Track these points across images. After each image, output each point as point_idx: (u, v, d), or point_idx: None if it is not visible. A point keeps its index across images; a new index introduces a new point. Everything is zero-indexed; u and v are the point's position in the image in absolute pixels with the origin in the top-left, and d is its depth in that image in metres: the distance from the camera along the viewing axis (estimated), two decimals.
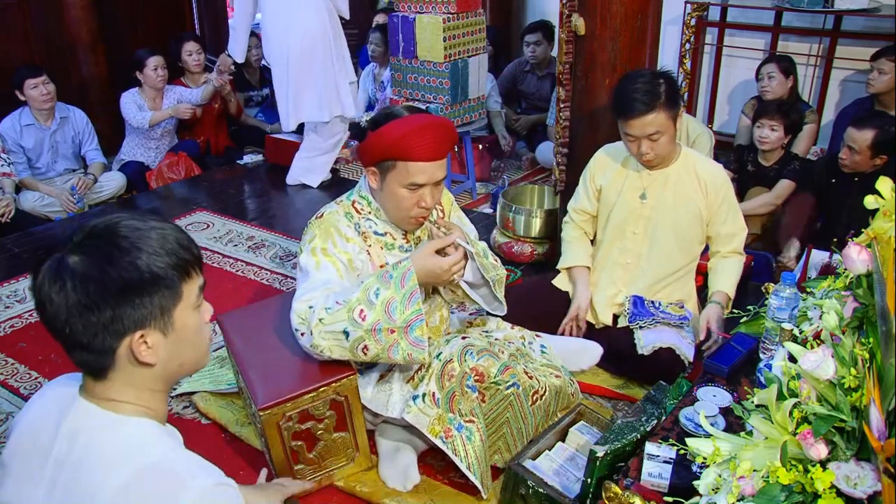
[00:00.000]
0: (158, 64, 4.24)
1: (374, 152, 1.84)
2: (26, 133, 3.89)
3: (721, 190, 2.33)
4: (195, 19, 5.35)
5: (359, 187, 2.02)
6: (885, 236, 1.29)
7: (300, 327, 1.79)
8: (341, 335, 1.73)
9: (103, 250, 1.01)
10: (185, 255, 1.07)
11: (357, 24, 6.18)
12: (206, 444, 2.16)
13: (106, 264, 1.00)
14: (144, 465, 1.03)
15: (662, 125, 2.19)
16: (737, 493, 1.15)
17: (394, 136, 1.78)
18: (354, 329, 1.71)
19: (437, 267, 1.80)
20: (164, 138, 4.45)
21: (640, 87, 2.16)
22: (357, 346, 1.74)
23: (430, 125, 1.81)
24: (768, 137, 3.29)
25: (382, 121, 1.84)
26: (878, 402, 1.05)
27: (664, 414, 1.75)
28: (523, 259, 3.24)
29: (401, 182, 1.83)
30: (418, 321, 1.72)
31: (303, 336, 1.79)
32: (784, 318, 1.71)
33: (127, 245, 1.02)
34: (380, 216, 1.98)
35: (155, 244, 1.04)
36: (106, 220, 1.05)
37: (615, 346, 2.38)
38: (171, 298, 1.05)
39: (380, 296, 1.72)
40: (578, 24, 2.58)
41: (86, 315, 0.99)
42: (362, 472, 2.00)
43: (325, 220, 1.95)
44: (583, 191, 2.53)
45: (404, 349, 1.74)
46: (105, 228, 1.04)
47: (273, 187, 4.36)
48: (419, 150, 1.79)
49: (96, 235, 1.03)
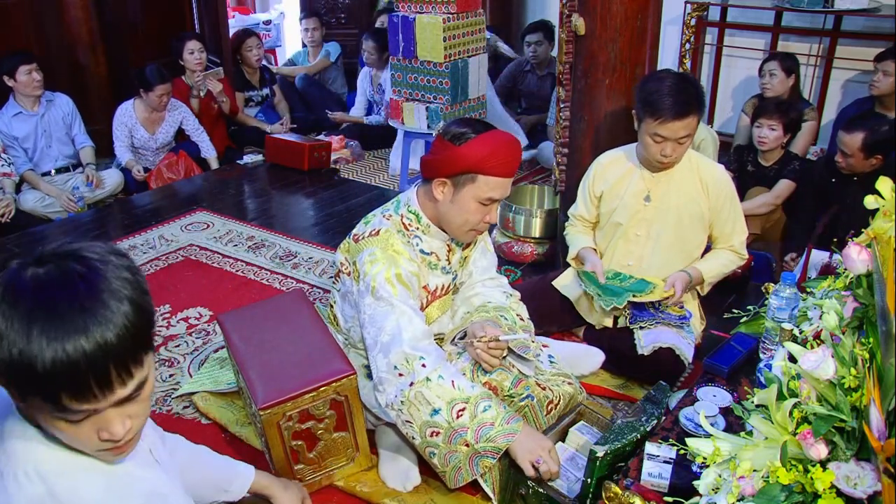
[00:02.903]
0: (165, 92, 4.18)
1: (454, 165, 1.81)
2: (16, 123, 3.89)
3: (724, 192, 2.33)
4: (195, 19, 5.34)
5: (406, 201, 1.96)
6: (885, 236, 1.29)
7: (401, 368, 1.75)
8: (429, 408, 1.74)
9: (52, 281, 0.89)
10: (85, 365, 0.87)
11: (357, 24, 6.19)
12: (206, 444, 2.14)
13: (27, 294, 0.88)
14: (46, 486, 0.97)
15: (692, 129, 2.19)
16: (737, 493, 1.15)
17: (483, 151, 1.78)
18: (447, 416, 1.73)
19: (537, 448, 1.74)
20: (159, 154, 4.44)
21: (677, 90, 2.14)
22: (430, 427, 1.75)
23: (513, 142, 1.85)
24: (767, 137, 3.29)
25: (464, 136, 1.82)
26: (878, 402, 1.05)
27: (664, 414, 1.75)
28: (523, 259, 3.24)
29: (477, 196, 1.83)
30: (490, 457, 1.75)
31: (400, 377, 1.76)
32: (784, 318, 1.71)
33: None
34: (428, 233, 1.95)
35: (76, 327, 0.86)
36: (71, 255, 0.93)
37: (615, 347, 2.38)
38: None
39: (487, 412, 1.74)
40: (578, 24, 2.58)
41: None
42: (362, 472, 2.00)
43: (385, 241, 1.87)
44: (581, 199, 2.51)
45: (459, 463, 1.77)
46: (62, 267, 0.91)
47: (273, 187, 4.36)
48: (503, 167, 1.81)
49: (56, 266, 0.92)
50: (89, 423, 0.92)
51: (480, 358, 1.90)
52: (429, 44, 3.78)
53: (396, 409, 1.78)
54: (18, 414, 1.02)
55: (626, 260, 2.44)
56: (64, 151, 4.12)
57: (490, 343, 1.89)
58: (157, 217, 3.85)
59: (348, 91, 5.69)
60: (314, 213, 3.98)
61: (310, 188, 4.30)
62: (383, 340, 1.79)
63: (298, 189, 4.30)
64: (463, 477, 1.78)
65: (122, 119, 4.24)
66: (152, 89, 4.14)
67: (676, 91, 2.14)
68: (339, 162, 4.68)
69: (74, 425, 0.92)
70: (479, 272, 2.16)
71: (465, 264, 2.14)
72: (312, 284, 3.11)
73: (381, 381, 1.80)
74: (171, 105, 4.35)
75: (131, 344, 0.89)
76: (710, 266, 2.37)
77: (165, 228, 3.70)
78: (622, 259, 2.44)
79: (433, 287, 2.01)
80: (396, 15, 3.86)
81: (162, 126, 4.34)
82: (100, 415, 0.92)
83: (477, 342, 1.89)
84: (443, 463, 1.78)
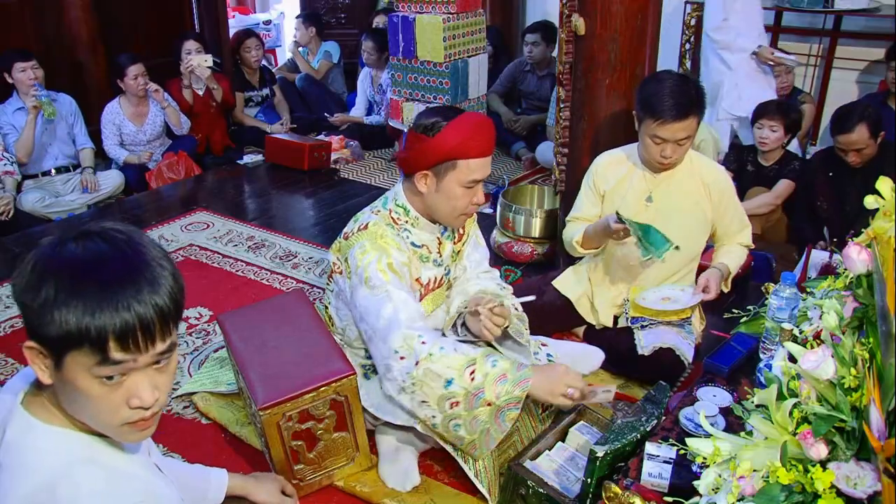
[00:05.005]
0: (139, 72, 4.19)
1: (432, 156, 1.83)
2: (18, 117, 3.89)
3: (725, 192, 2.33)
4: (195, 19, 5.34)
5: (393, 196, 1.98)
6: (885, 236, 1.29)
7: (402, 351, 1.76)
8: (442, 380, 1.74)
9: (92, 251, 0.95)
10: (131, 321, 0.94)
11: (357, 24, 6.19)
12: (207, 444, 2.16)
13: (77, 262, 0.94)
14: (41, 478, 0.98)
15: (693, 130, 2.19)
16: (737, 493, 1.15)
17: (457, 137, 1.80)
18: (461, 382, 1.73)
19: (557, 383, 1.76)
20: (149, 147, 4.42)
21: (677, 91, 2.13)
22: (448, 399, 1.75)
23: (484, 122, 1.87)
24: (768, 138, 3.29)
25: (435, 126, 1.83)
26: (878, 402, 1.05)
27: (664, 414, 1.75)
28: (523, 259, 3.24)
29: (460, 181, 1.85)
30: (513, 408, 1.75)
31: (402, 360, 1.76)
32: (784, 318, 1.71)
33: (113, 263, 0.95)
34: (417, 225, 1.96)
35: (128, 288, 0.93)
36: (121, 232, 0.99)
37: (615, 347, 2.38)
38: (70, 344, 0.94)
39: (496, 366, 1.75)
40: (578, 24, 2.58)
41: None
42: (362, 472, 2.00)
43: (374, 234, 1.89)
44: (587, 199, 2.47)
45: (485, 425, 1.76)
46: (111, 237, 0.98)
47: (273, 187, 4.36)
48: (479, 148, 1.83)
49: (99, 237, 0.97)
50: (122, 389, 0.97)
51: (484, 325, 1.91)
52: (429, 44, 3.78)
53: (409, 391, 1.78)
54: (22, 407, 1.04)
55: (626, 260, 2.43)
56: (65, 151, 4.12)
57: (495, 309, 1.91)
58: (157, 217, 3.85)
59: (348, 91, 5.69)
60: (314, 213, 3.99)
61: (310, 188, 4.30)
62: (381, 326, 1.80)
63: (298, 189, 4.30)
64: (493, 437, 1.79)
65: (110, 117, 4.25)
66: (126, 73, 4.15)
67: (677, 92, 2.13)
68: (339, 162, 4.68)
69: (109, 388, 0.96)
70: (473, 265, 2.19)
71: (458, 258, 2.15)
72: (312, 284, 3.11)
73: (387, 368, 1.80)
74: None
75: (174, 304, 0.98)
76: (730, 259, 2.39)
77: (165, 228, 3.70)
78: (622, 259, 2.44)
79: (426, 280, 2.02)
80: (396, 15, 3.86)
81: (148, 118, 4.34)
82: (133, 378, 0.98)
83: (481, 308, 1.92)
84: (470, 432, 1.77)
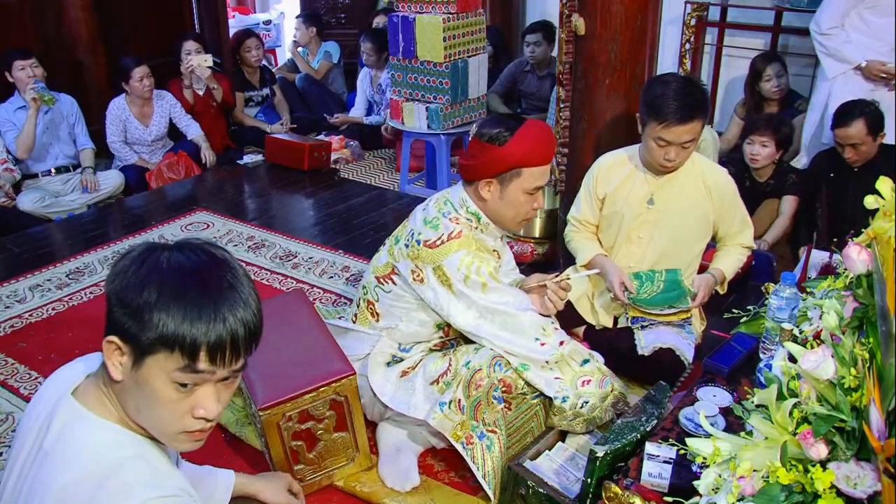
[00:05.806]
0: (144, 74, 4.20)
1: (498, 165, 1.88)
2: (20, 116, 3.88)
3: (727, 193, 2.33)
4: (195, 19, 5.34)
5: (461, 202, 1.98)
6: (885, 236, 1.29)
7: (543, 337, 1.93)
8: (581, 357, 2.02)
9: (194, 261, 1.01)
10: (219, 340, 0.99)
11: (357, 24, 6.19)
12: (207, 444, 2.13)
13: (180, 270, 0.99)
14: (90, 468, 1.00)
15: (697, 133, 2.17)
16: (737, 493, 1.15)
17: (523, 147, 1.86)
18: (594, 363, 2.04)
19: None
20: (153, 148, 4.43)
21: (682, 94, 2.12)
22: (581, 377, 1.98)
23: (546, 130, 1.94)
24: (759, 154, 3.22)
25: (500, 136, 1.87)
26: (878, 402, 1.05)
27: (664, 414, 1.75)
28: (523, 259, 3.24)
29: (525, 188, 1.91)
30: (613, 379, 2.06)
31: (542, 346, 1.92)
32: (784, 318, 1.71)
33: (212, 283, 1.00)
34: (487, 231, 2.01)
35: (226, 304, 1.00)
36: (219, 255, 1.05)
37: (615, 347, 2.37)
38: (158, 347, 0.97)
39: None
40: (578, 24, 2.58)
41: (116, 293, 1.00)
42: (362, 472, 2.00)
43: (469, 243, 1.93)
44: (585, 203, 2.47)
45: (604, 404, 2.00)
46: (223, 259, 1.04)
47: (273, 187, 4.36)
48: (542, 156, 1.91)
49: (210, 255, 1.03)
50: (193, 397, 1.02)
51: (549, 298, 1.99)
52: (429, 44, 3.78)
53: (550, 366, 1.95)
54: (73, 398, 1.07)
55: (626, 262, 2.43)
56: (65, 151, 4.12)
57: (562, 283, 2.00)
58: (158, 217, 3.85)
59: (348, 91, 5.69)
60: (314, 213, 3.99)
61: (310, 188, 4.30)
62: (511, 322, 1.91)
63: (298, 189, 4.30)
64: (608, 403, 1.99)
65: (115, 113, 4.24)
66: (131, 75, 4.15)
67: (681, 95, 2.12)
68: (339, 162, 4.68)
69: (181, 395, 1.01)
70: (508, 263, 2.24)
71: None
72: (312, 284, 3.11)
73: (531, 351, 1.92)
74: (158, 95, 4.36)
75: (258, 326, 1.04)
76: (728, 264, 2.39)
77: (165, 228, 3.70)
78: (623, 261, 2.43)
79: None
80: (396, 15, 3.86)
81: (153, 118, 4.35)
82: (203, 389, 1.03)
83: (549, 282, 2.00)
84: (601, 409, 1.96)
